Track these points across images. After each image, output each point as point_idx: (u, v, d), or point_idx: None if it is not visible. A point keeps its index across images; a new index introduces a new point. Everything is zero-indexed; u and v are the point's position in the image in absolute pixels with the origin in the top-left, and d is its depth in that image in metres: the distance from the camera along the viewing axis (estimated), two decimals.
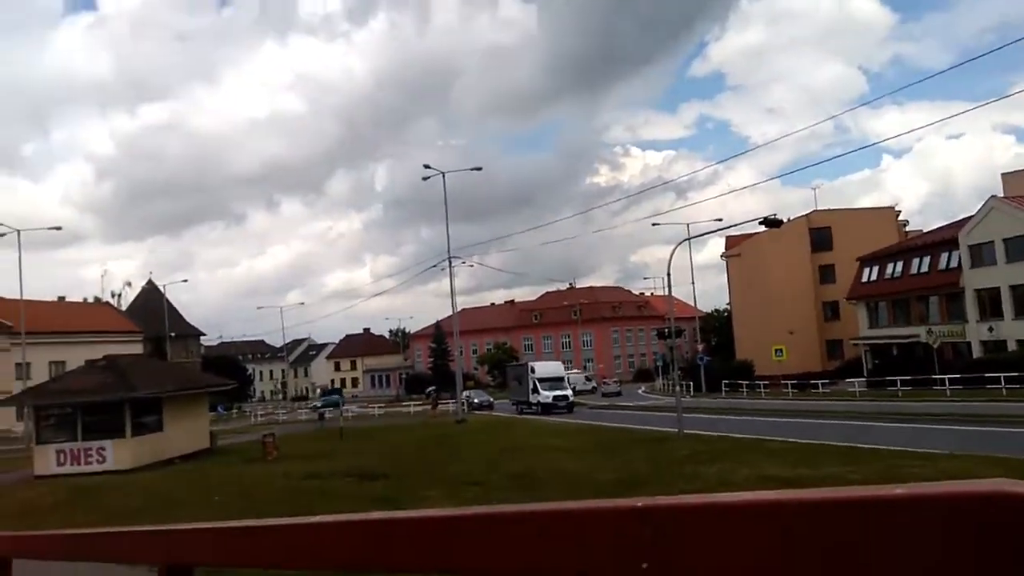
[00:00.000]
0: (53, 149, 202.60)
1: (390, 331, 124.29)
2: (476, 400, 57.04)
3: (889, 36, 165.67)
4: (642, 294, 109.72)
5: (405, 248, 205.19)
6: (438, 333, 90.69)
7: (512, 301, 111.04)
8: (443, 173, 42.44)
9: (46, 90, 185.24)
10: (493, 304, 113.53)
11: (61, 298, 74.38)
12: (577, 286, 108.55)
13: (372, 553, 1.18)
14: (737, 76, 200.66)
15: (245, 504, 14.35)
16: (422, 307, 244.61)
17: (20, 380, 45.92)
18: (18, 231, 45.15)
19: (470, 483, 15.67)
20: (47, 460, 23.53)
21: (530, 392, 46.89)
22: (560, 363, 54.11)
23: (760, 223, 27.48)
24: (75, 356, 52.37)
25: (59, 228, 67.14)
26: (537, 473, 16.60)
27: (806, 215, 67.64)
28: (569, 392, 47.45)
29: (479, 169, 49.08)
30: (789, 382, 50.38)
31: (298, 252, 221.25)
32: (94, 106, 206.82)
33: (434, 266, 52.78)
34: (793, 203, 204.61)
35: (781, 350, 50.55)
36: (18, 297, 48.23)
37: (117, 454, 23.52)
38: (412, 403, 65.63)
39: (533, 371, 48.14)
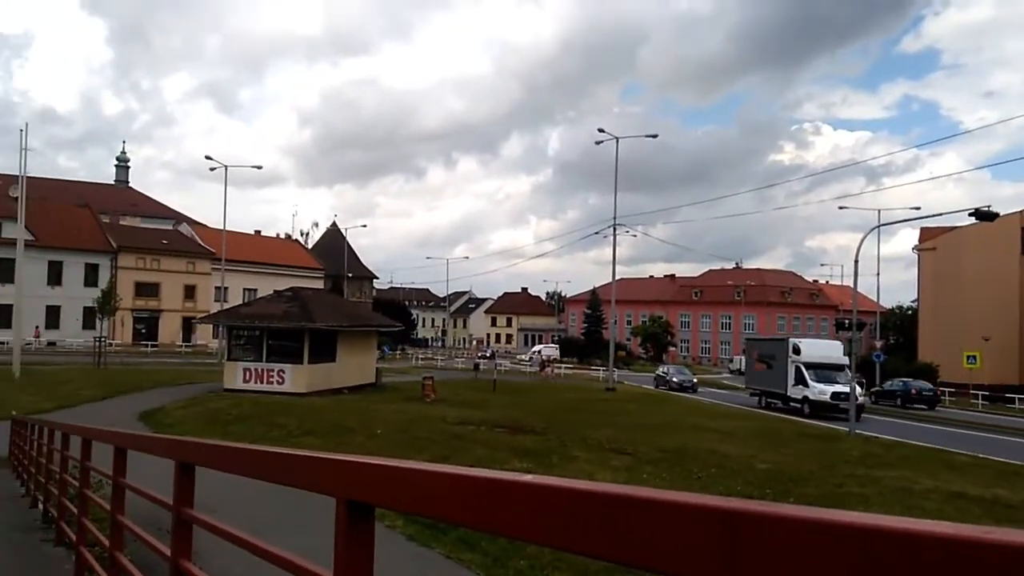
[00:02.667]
0: (265, 96, 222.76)
1: (547, 293, 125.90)
2: (676, 379, 47.17)
3: None
4: (815, 282, 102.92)
5: (569, 213, 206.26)
6: (594, 300, 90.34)
7: (673, 276, 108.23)
8: (617, 139, 41.78)
9: (265, 41, 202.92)
10: (652, 276, 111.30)
11: (257, 232, 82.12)
12: (744, 267, 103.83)
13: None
14: (954, 55, 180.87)
15: (404, 440, 15.02)
16: (580, 273, 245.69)
17: (218, 302, 51.24)
18: (226, 167, 49.90)
19: (619, 451, 15.36)
20: (235, 375, 25.98)
21: (790, 382, 33.25)
22: (838, 343, 36.48)
23: (970, 215, 24.32)
24: (265, 285, 57.58)
25: (260, 167, 73.45)
26: (690, 451, 15.97)
27: (1020, 212, 59.76)
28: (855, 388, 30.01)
29: (655, 136, 47.88)
30: (980, 392, 45.41)
31: (468, 209, 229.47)
32: (303, 59, 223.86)
33: (597, 232, 51.89)
34: (1003, 198, 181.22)
35: (975, 357, 45.61)
36: (222, 228, 53.46)
37: (294, 377, 25.51)
38: (564, 365, 65.83)
39: (797, 352, 33.38)
